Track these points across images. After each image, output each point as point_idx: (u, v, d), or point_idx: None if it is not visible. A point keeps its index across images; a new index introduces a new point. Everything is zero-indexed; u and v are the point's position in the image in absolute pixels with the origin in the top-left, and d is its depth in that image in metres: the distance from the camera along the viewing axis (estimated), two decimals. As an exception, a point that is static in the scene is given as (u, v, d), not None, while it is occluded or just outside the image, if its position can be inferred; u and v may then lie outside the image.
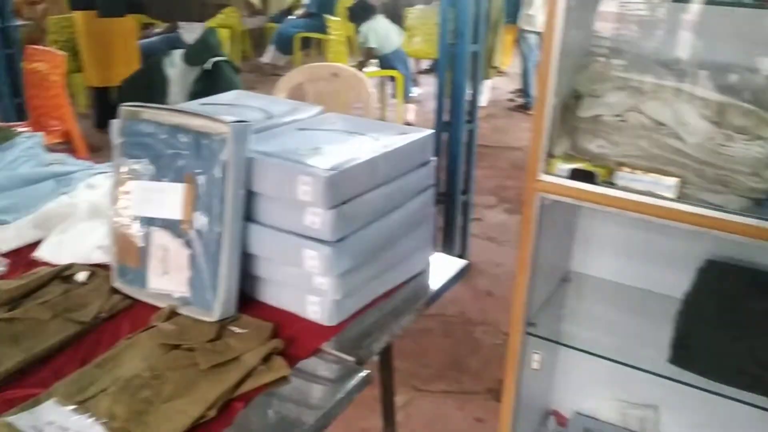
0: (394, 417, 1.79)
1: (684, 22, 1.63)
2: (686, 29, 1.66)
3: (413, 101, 6.38)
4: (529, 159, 1.49)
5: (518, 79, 7.19)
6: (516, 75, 7.40)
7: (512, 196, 4.41)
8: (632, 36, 1.65)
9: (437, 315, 3.01)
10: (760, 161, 1.33)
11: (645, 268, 1.85)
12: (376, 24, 5.90)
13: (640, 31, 1.69)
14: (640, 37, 1.62)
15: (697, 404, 1.91)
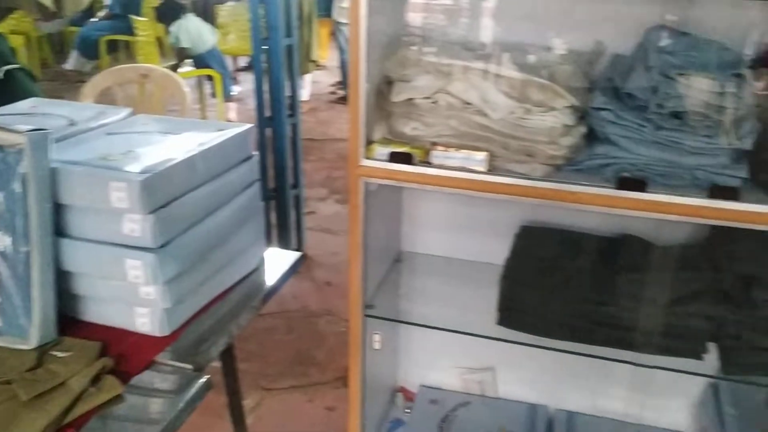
0: (245, 421, 1.75)
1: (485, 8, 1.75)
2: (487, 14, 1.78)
3: (234, 100, 6.25)
4: (349, 146, 1.51)
5: (337, 71, 7.29)
6: (335, 68, 7.49)
7: (342, 186, 4.47)
8: (438, 22, 1.74)
9: (279, 312, 3.00)
10: (555, 130, 1.45)
11: (469, 240, 1.97)
12: (187, 23, 5.70)
13: (445, 17, 1.79)
14: (446, 23, 1.72)
15: (527, 360, 2.06)
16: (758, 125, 1.39)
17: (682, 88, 1.39)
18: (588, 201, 1.41)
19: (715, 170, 1.38)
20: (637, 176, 1.40)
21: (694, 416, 1.99)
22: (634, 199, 1.38)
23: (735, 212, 1.34)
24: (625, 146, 1.43)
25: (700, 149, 1.39)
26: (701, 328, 1.54)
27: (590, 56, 1.61)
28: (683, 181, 1.39)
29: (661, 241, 1.74)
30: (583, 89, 1.52)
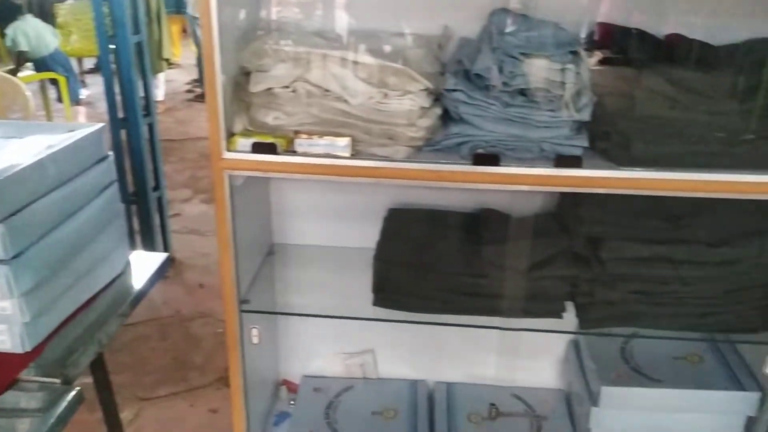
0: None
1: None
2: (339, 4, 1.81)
3: (83, 104, 5.91)
4: (210, 139, 1.49)
5: (193, 69, 7.08)
6: (190, 66, 7.27)
7: (207, 185, 4.37)
8: (292, 12, 1.75)
9: (151, 320, 2.89)
10: (413, 113, 1.50)
11: (340, 227, 1.99)
12: (25, 24, 5.30)
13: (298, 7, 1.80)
14: (300, 12, 1.72)
15: (404, 338, 2.14)
16: (594, 98, 1.52)
17: (525, 67, 1.48)
18: (448, 178, 1.48)
19: (559, 141, 1.49)
20: (490, 152, 1.48)
21: (560, 373, 2.14)
22: (489, 173, 1.46)
23: (579, 179, 1.45)
24: (477, 124, 1.51)
25: (544, 123, 1.48)
26: (558, 289, 1.66)
27: (439, 40, 1.68)
28: (532, 154, 1.49)
29: (517, 213, 1.86)
30: (435, 72, 1.59)
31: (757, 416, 1.76)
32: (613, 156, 1.48)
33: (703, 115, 1.47)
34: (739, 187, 1.43)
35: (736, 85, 1.53)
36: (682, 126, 1.47)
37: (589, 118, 1.50)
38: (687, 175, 1.43)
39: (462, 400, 2.10)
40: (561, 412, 2.05)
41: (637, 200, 1.60)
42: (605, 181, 1.45)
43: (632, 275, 1.61)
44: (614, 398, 1.79)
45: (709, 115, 1.47)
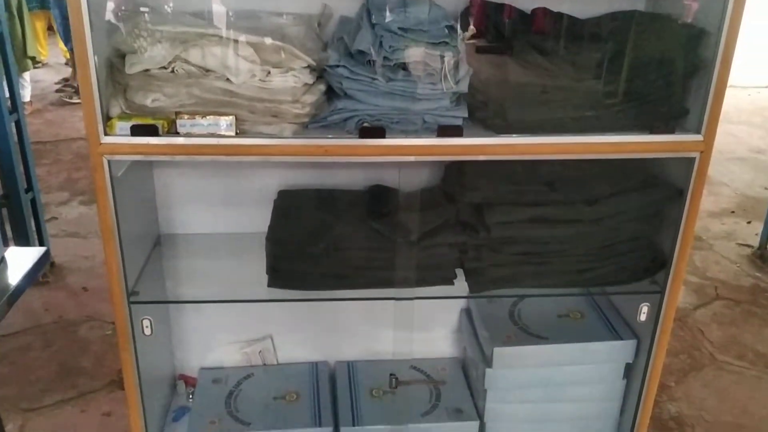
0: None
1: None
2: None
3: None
4: (86, 124, 1.43)
5: (61, 69, 6.70)
6: (58, 65, 6.89)
7: (85, 186, 4.16)
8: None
9: (33, 328, 2.73)
10: (297, 89, 1.50)
11: (229, 213, 1.96)
12: None
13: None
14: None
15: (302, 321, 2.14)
16: (471, 70, 1.58)
17: (404, 42, 1.52)
18: (335, 152, 1.49)
19: (440, 113, 1.54)
20: (375, 125, 1.51)
21: (455, 341, 2.22)
22: (375, 145, 1.49)
23: (460, 147, 1.51)
24: (362, 99, 1.53)
25: (426, 96, 1.53)
26: (448, 256, 1.72)
27: (319, 18, 1.69)
28: (415, 126, 1.53)
29: (406, 188, 1.90)
30: (317, 49, 1.60)
31: (634, 362, 1.90)
32: (491, 124, 1.55)
33: (570, 82, 1.57)
34: (605, 148, 1.54)
35: (600, 54, 1.64)
36: (552, 94, 1.56)
37: (466, 90, 1.56)
38: (559, 139, 1.52)
39: (363, 376, 2.13)
40: (458, 377, 2.13)
41: (516, 167, 1.69)
42: (485, 148, 1.51)
43: (515, 238, 1.69)
44: (505, 358, 1.87)
45: (576, 82, 1.57)
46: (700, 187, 1.59)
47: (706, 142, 1.54)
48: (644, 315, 1.78)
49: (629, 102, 1.58)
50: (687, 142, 1.55)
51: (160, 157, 1.51)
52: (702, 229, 3.88)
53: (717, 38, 1.47)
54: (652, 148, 1.55)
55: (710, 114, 1.52)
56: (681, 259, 1.68)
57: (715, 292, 3.17)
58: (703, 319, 2.93)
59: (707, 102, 1.51)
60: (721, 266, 3.43)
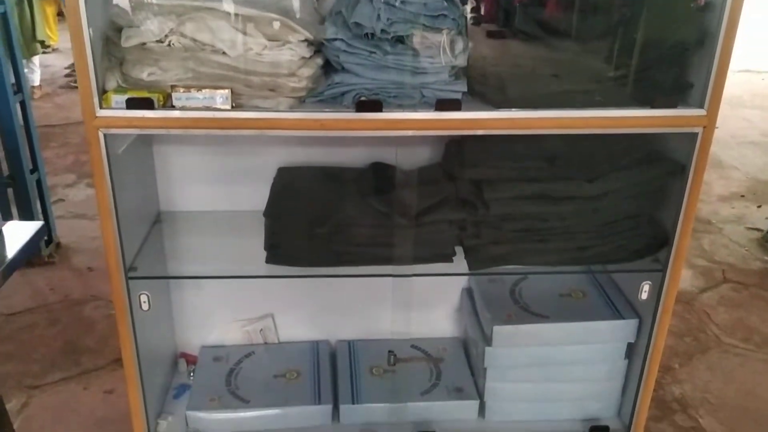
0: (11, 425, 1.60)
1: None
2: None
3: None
4: (81, 97, 1.42)
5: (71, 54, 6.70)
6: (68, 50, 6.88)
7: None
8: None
9: (39, 307, 2.75)
10: (293, 63, 1.49)
11: (229, 191, 1.96)
12: None
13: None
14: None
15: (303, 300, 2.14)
16: (470, 44, 1.55)
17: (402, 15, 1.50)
18: (331, 126, 1.48)
19: (439, 87, 1.52)
20: (373, 99, 1.49)
21: (456, 321, 2.21)
22: (371, 119, 1.48)
23: (459, 121, 1.49)
24: (359, 73, 1.51)
25: (424, 69, 1.51)
26: (447, 233, 1.71)
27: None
28: (413, 100, 1.51)
29: (406, 165, 1.89)
30: (314, 23, 1.58)
31: (636, 342, 1.88)
32: (491, 99, 1.53)
33: (571, 56, 1.55)
34: (606, 122, 1.51)
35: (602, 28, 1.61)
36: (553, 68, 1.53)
37: (465, 64, 1.54)
38: (559, 113, 1.50)
39: (363, 355, 2.13)
40: (458, 357, 2.12)
41: (517, 143, 1.67)
42: (483, 122, 1.49)
43: (515, 214, 1.67)
44: (505, 336, 1.86)
45: (577, 56, 1.55)
46: (703, 163, 1.57)
47: (709, 117, 1.52)
48: (645, 293, 1.76)
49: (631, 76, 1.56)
50: (690, 116, 1.52)
51: (155, 130, 1.50)
52: (711, 212, 3.84)
53: (721, 11, 1.44)
54: (654, 123, 1.53)
55: (714, 88, 1.49)
56: (683, 237, 1.66)
57: (723, 275, 3.13)
58: (709, 302, 2.90)
59: (710, 76, 1.48)
60: (729, 250, 3.39)
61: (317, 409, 1.93)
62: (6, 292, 2.83)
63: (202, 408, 1.91)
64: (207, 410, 1.91)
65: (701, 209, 3.89)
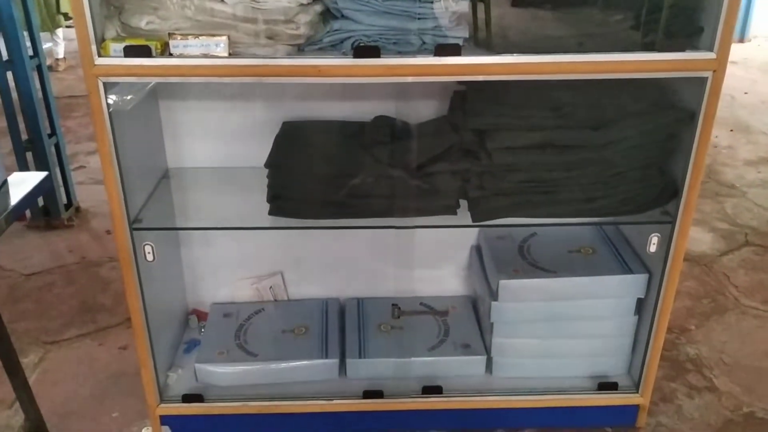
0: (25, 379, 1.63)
1: None
2: None
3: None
4: (79, 46, 1.42)
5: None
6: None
7: (113, 136, 4.21)
8: None
9: (56, 268, 2.80)
10: (291, 10, 1.47)
11: (235, 147, 1.95)
12: None
13: None
14: None
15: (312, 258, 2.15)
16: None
17: (401, -42, 1.47)
18: (329, 73, 1.46)
19: (439, 32, 1.49)
20: (371, 45, 1.47)
21: (464, 279, 2.20)
22: (370, 65, 1.45)
23: (458, 66, 1.46)
24: (358, 19, 1.49)
25: (424, 14, 1.48)
26: (450, 185, 1.69)
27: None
28: (413, 47, 1.49)
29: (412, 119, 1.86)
30: (313, -31, 1.56)
31: (646, 298, 1.85)
32: (492, 45, 1.50)
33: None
34: (610, 67, 1.47)
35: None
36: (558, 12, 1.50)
37: (467, 9, 1.51)
38: (561, 57, 1.45)
39: (372, 312, 2.13)
40: (467, 314, 2.11)
41: (521, 92, 1.64)
42: (484, 67, 1.46)
43: (519, 164, 1.64)
44: (512, 290, 1.85)
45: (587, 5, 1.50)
46: (713, 108, 1.52)
47: (719, 61, 1.46)
48: (654, 246, 1.72)
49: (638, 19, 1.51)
50: (698, 60, 1.47)
51: (153, 78, 1.50)
52: (737, 177, 3.75)
53: (731, -52, 1.38)
54: (661, 67, 1.48)
55: (723, 30, 1.44)
56: (692, 188, 1.62)
57: (745, 238, 3.06)
58: (729, 265, 2.83)
59: (720, 18, 1.43)
60: (753, 213, 3.30)
61: (324, 363, 1.94)
62: (25, 253, 2.89)
63: (210, 361, 1.94)
64: (215, 363, 1.93)
65: (726, 173, 3.80)
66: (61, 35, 6.28)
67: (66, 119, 4.58)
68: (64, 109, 4.73)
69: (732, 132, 4.42)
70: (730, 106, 4.88)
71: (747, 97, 5.14)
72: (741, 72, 5.81)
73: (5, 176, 1.52)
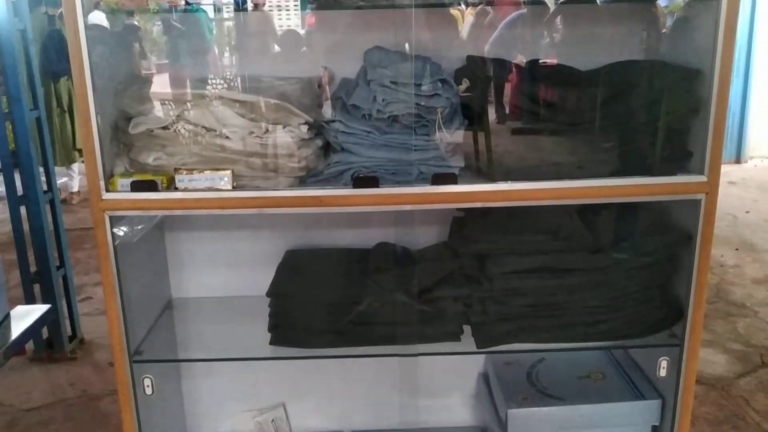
0: None
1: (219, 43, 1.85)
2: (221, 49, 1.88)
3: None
4: (88, 181, 1.47)
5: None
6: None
7: (122, 267, 4.24)
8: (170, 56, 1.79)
9: (56, 402, 2.74)
10: (293, 144, 1.53)
11: (239, 277, 1.97)
12: None
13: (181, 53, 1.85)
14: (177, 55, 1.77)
15: (314, 389, 2.10)
16: (465, 121, 1.59)
17: (397, 95, 1.55)
18: (329, 203, 1.50)
19: (436, 163, 1.54)
20: (370, 175, 1.52)
21: (473, 409, 2.13)
22: (369, 195, 1.50)
23: (455, 194, 1.50)
24: (357, 152, 1.55)
25: (420, 146, 1.54)
26: (452, 311, 1.68)
27: (319, 79, 1.74)
28: (410, 176, 1.54)
29: (413, 245, 1.89)
30: (314, 107, 1.64)
31: (661, 425, 1.78)
32: (487, 173, 1.54)
33: (566, 127, 1.56)
34: (604, 192, 1.50)
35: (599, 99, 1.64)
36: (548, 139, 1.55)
37: (461, 140, 1.57)
38: (556, 184, 1.50)
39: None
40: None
41: (519, 217, 1.67)
42: (480, 194, 1.50)
43: (521, 288, 1.64)
44: (521, 420, 1.78)
45: (571, 126, 1.56)
46: (710, 230, 1.54)
47: (711, 183, 1.50)
48: (664, 370, 1.68)
49: (629, 145, 1.56)
50: (690, 183, 1.51)
51: (159, 212, 1.54)
52: (746, 296, 3.71)
53: (711, 77, 1.45)
54: (653, 191, 1.52)
55: (712, 153, 1.48)
56: (697, 309, 1.60)
57: (761, 359, 2.98)
58: (747, 388, 2.74)
59: (708, 141, 1.48)
60: (766, 333, 3.24)
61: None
62: (26, 387, 2.84)
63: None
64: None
65: (735, 292, 3.76)
66: (77, 170, 6.50)
67: (76, 250, 4.65)
68: (75, 241, 4.80)
69: (737, 251, 4.43)
70: (733, 226, 4.92)
71: (749, 216, 5.18)
72: (741, 192, 5.90)
73: (8, 310, 1.52)
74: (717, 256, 4.33)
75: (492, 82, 1.71)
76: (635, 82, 1.63)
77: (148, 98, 1.59)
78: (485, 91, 1.69)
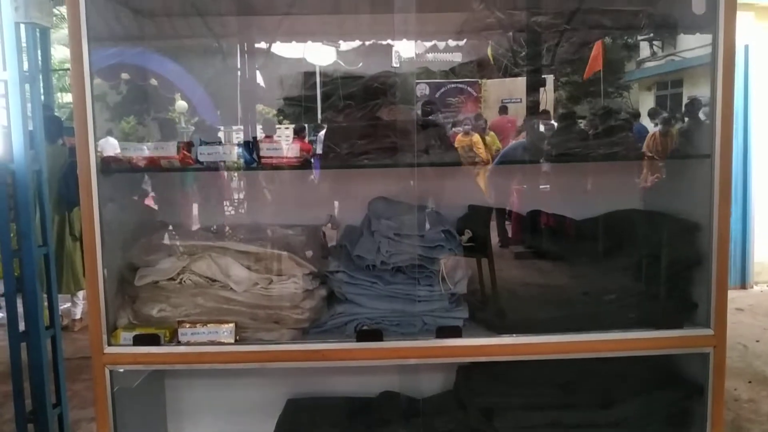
0: None
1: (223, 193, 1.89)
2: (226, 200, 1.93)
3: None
4: (90, 335, 1.47)
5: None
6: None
7: (119, 401, 4.13)
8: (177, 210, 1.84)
9: None
10: (296, 295, 1.54)
11: (238, 425, 1.91)
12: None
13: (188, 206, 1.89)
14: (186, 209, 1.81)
15: None
16: (469, 272, 1.60)
17: (401, 247, 1.57)
18: (332, 357, 1.48)
19: (439, 314, 1.54)
20: (374, 328, 1.51)
21: None
22: (372, 348, 1.48)
23: (460, 348, 1.49)
24: (361, 302, 1.55)
25: (424, 297, 1.55)
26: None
27: (323, 228, 1.77)
28: (414, 328, 1.53)
29: (418, 394, 1.84)
30: (319, 256, 1.66)
31: None
32: (492, 325, 1.54)
33: (567, 279, 1.57)
34: (611, 345, 1.49)
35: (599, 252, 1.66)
36: (550, 292, 1.55)
37: (465, 291, 1.57)
38: (562, 338, 1.48)
39: None
40: None
41: (528, 369, 1.64)
42: (485, 348, 1.49)
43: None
44: None
45: (573, 279, 1.57)
46: (721, 382, 1.51)
47: (717, 336, 1.48)
48: None
49: (633, 298, 1.56)
50: (697, 336, 1.49)
51: (160, 366, 1.52)
52: None
53: (710, 230, 1.48)
54: (661, 345, 1.50)
55: (717, 307, 1.48)
56: (715, 466, 1.54)
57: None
58: None
59: (712, 295, 1.48)
60: (790, 476, 3.09)
61: None
62: None
63: None
64: None
65: (753, 430, 3.62)
66: (81, 296, 6.49)
67: (74, 382, 4.54)
68: (74, 371, 4.70)
69: (751, 384, 4.30)
70: (744, 356, 4.81)
71: (759, 346, 5.08)
72: (749, 319, 5.81)
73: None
74: (730, 389, 4.20)
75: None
76: (636, 233, 1.66)
77: (156, 249, 1.61)
78: (487, 241, 1.71)
